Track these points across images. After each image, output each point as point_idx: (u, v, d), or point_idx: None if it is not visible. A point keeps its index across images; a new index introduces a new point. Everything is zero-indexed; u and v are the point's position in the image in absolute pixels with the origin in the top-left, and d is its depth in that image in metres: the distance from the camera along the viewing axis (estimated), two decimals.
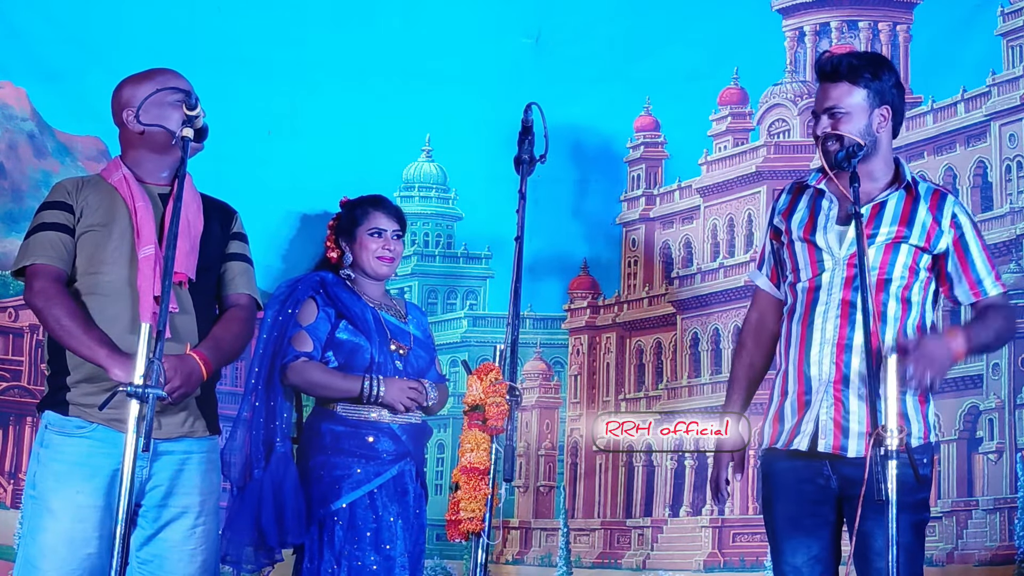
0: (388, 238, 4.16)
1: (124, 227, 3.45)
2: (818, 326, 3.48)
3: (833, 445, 3.42)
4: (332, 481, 3.96)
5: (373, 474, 3.98)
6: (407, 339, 4.14)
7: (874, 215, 3.49)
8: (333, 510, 3.94)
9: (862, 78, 3.46)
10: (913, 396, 3.45)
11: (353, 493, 3.96)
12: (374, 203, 4.22)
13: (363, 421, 4.03)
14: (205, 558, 3.51)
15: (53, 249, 3.43)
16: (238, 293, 3.63)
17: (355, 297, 4.12)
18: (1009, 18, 4.71)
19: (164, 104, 3.47)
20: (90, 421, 3.37)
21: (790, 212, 3.63)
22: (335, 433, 4.02)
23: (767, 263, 3.72)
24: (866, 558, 3.37)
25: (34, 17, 4.76)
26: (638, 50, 5.01)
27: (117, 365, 3.28)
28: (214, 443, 3.58)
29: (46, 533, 3.34)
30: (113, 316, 3.39)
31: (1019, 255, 4.61)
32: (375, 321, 4.10)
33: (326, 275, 4.14)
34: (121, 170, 3.53)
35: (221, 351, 3.49)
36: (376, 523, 3.94)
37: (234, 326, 3.57)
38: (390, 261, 4.18)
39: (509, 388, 3.47)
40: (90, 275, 3.43)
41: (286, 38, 4.87)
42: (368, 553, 3.92)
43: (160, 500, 3.43)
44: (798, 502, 3.50)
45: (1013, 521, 4.51)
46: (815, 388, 3.47)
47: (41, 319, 3.42)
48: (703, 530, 4.88)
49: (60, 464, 3.37)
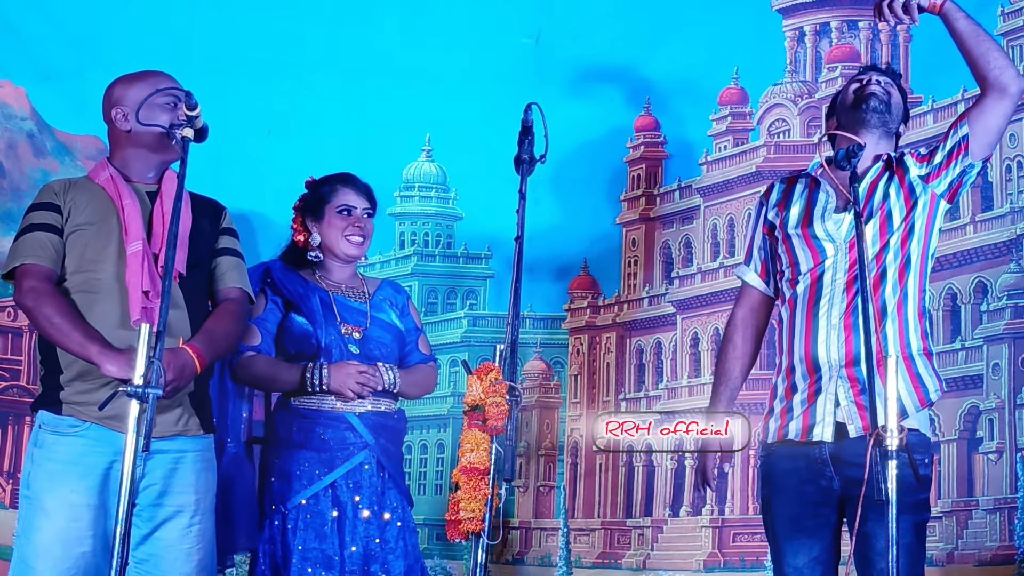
0: (358, 216, 3.99)
1: (112, 224, 3.46)
2: (823, 312, 3.48)
3: (863, 426, 3.39)
4: (287, 477, 3.84)
5: (327, 469, 3.83)
6: (362, 320, 3.97)
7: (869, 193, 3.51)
8: (287, 508, 3.82)
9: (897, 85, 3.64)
10: (919, 354, 3.46)
11: (307, 490, 3.83)
12: (343, 180, 4.04)
13: (317, 412, 3.87)
14: (202, 557, 3.50)
15: (42, 249, 3.43)
16: (229, 287, 3.63)
17: (301, 281, 3.96)
18: (1009, 18, 4.71)
19: (154, 105, 3.48)
20: (84, 420, 3.37)
21: (785, 205, 3.63)
22: (290, 426, 3.88)
23: (756, 258, 3.71)
24: (867, 559, 3.36)
25: (33, 16, 4.76)
26: (638, 50, 5.01)
27: (109, 361, 3.27)
28: (208, 441, 3.57)
29: (40, 532, 3.34)
30: (103, 313, 3.39)
31: (1019, 255, 4.61)
32: (322, 304, 3.93)
33: (272, 263, 3.97)
34: (108, 170, 3.54)
35: (214, 344, 3.48)
36: (333, 519, 3.82)
37: (226, 319, 3.57)
38: (360, 241, 3.99)
39: (509, 388, 3.46)
40: (79, 273, 3.43)
41: (286, 38, 4.88)
42: (323, 549, 3.83)
43: (155, 499, 3.42)
44: (799, 503, 3.50)
45: (1013, 521, 4.51)
46: (825, 374, 3.46)
47: (31, 318, 3.42)
48: (703, 530, 4.88)
49: (54, 463, 3.37)
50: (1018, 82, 3.47)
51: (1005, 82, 3.46)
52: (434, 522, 4.83)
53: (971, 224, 4.65)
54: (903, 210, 3.50)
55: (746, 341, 3.72)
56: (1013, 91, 3.47)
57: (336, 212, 3.98)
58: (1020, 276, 4.59)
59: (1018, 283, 4.57)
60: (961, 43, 3.51)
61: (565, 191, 5.00)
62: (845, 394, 3.44)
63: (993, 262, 4.63)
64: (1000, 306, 4.63)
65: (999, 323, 4.63)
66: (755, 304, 3.72)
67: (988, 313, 4.63)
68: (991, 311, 4.63)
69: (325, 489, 3.85)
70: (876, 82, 3.60)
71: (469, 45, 4.93)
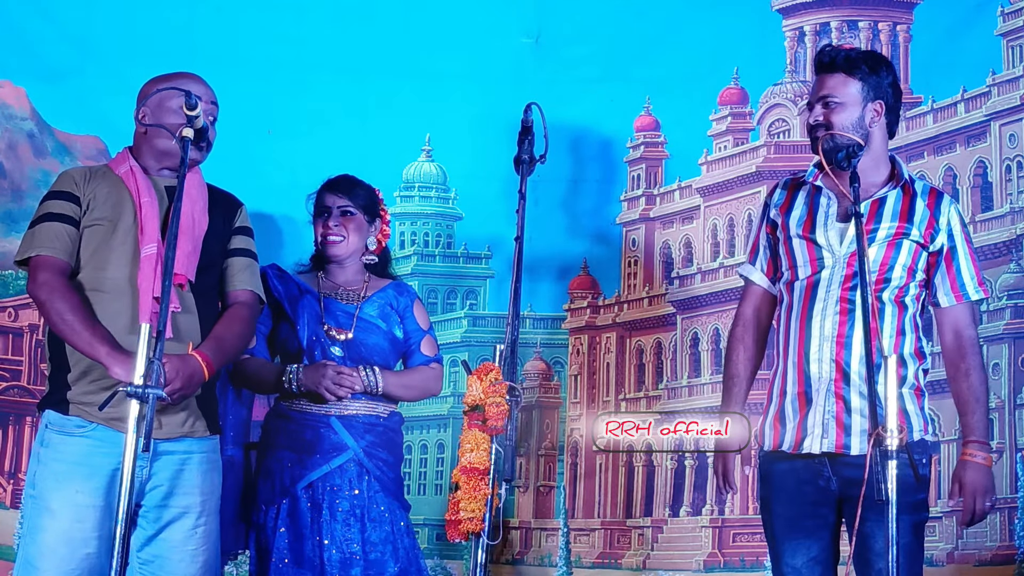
0: (334, 216, 4.04)
1: (129, 223, 3.45)
2: (816, 323, 3.48)
3: (836, 444, 3.42)
4: (270, 477, 3.88)
5: (308, 470, 3.86)
6: (348, 322, 3.99)
7: (874, 211, 3.49)
8: (273, 509, 3.86)
9: (858, 70, 3.47)
10: (910, 391, 3.46)
11: (285, 491, 3.85)
12: (325, 184, 4.12)
13: (302, 414, 3.91)
14: (206, 558, 3.50)
15: (59, 240, 3.42)
16: (240, 290, 3.62)
17: (293, 285, 4.01)
18: (1009, 18, 4.71)
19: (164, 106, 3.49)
20: (90, 420, 3.36)
21: (787, 208, 3.63)
22: (277, 428, 3.93)
23: (761, 257, 3.71)
24: (866, 559, 3.37)
25: (34, 16, 4.76)
26: (638, 50, 5.00)
27: (117, 363, 3.27)
28: (215, 443, 3.57)
29: (45, 533, 3.33)
30: (114, 314, 3.39)
31: (1019, 255, 4.61)
32: (308, 306, 3.98)
33: (268, 268, 4.00)
34: (129, 162, 3.54)
35: (223, 350, 3.48)
36: (310, 520, 3.83)
37: (236, 324, 3.56)
38: (336, 240, 4.03)
39: (509, 388, 3.46)
40: (93, 270, 3.43)
41: (286, 37, 4.87)
42: (301, 548, 3.83)
43: (160, 500, 3.42)
44: (798, 503, 3.50)
45: (1013, 521, 4.51)
46: (815, 387, 3.47)
47: (43, 312, 3.41)
48: (703, 530, 4.88)
49: (60, 464, 3.36)
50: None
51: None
52: (434, 522, 4.83)
53: (971, 224, 4.65)
54: (910, 255, 3.49)
55: (755, 342, 3.72)
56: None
57: (317, 216, 4.10)
58: (1020, 276, 4.60)
59: (1018, 283, 4.58)
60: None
61: (565, 191, 5.00)
62: (829, 409, 3.45)
63: (993, 262, 4.63)
64: (1000, 306, 4.63)
65: (999, 323, 4.63)
66: (761, 302, 3.73)
67: (988, 313, 4.63)
68: (991, 311, 4.64)
69: (304, 489, 3.86)
70: (816, 102, 3.50)
71: (469, 45, 4.93)
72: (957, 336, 3.51)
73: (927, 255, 3.50)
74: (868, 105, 3.48)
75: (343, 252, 4.07)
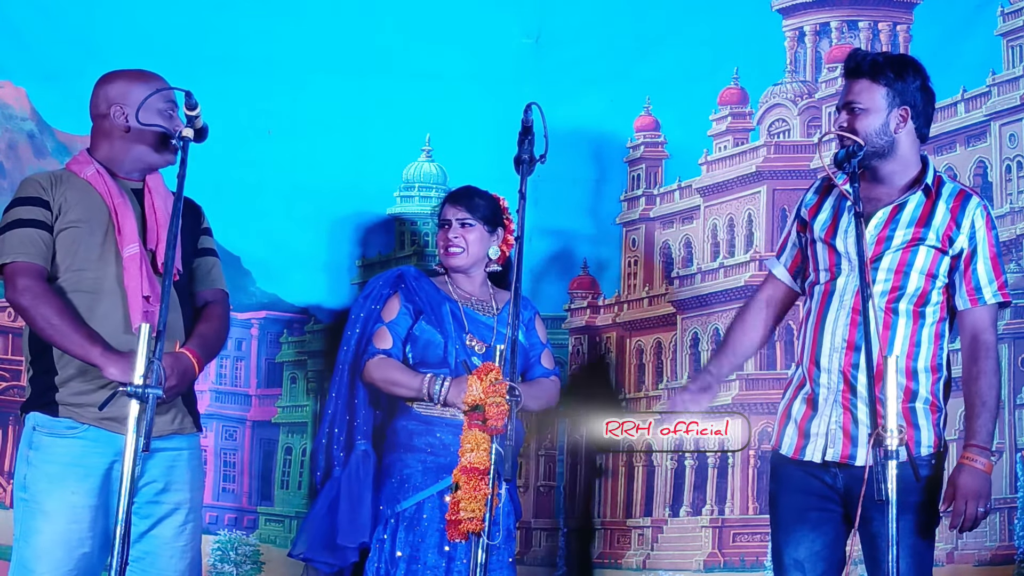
0: (454, 227, 4.17)
1: (104, 224, 3.45)
2: (828, 331, 3.48)
3: (841, 454, 3.43)
4: (401, 480, 3.97)
5: (436, 477, 3.95)
6: (488, 335, 4.10)
7: (891, 218, 3.48)
8: (399, 510, 3.93)
9: (883, 76, 3.46)
10: (924, 405, 3.45)
11: (419, 493, 3.95)
12: (447, 196, 4.29)
13: (437, 418, 4.01)
14: (193, 556, 3.53)
15: (33, 246, 3.40)
16: (214, 289, 3.68)
17: (434, 290, 4.11)
18: (1009, 18, 4.71)
19: (153, 107, 3.49)
20: (81, 422, 3.36)
21: (816, 211, 3.63)
22: (408, 431, 4.02)
23: (788, 253, 3.72)
24: (876, 560, 3.37)
25: (33, 16, 4.75)
26: (638, 50, 5.00)
27: (112, 363, 3.28)
28: (199, 439, 3.64)
29: (41, 535, 3.33)
30: (103, 315, 3.39)
31: (1019, 255, 4.61)
32: (452, 315, 4.07)
33: (406, 269, 4.15)
34: (93, 164, 3.52)
35: (208, 348, 3.55)
36: (442, 523, 3.83)
37: (215, 323, 3.62)
38: (456, 252, 4.17)
39: (509, 388, 3.46)
40: (73, 272, 3.42)
41: (286, 38, 4.87)
42: (431, 554, 3.90)
43: (153, 496, 3.44)
44: (805, 494, 3.51)
45: (1013, 521, 4.51)
46: (823, 396, 3.47)
47: (28, 318, 3.39)
48: (703, 530, 4.88)
49: (53, 466, 3.36)
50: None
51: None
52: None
53: None
54: (928, 260, 3.48)
55: (760, 322, 3.73)
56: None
57: (439, 227, 4.25)
58: (1020, 276, 4.59)
59: (1018, 283, 4.57)
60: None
61: (565, 191, 5.00)
62: (836, 420, 3.45)
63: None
64: None
65: (999, 323, 4.62)
66: (777, 293, 3.73)
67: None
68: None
69: (431, 497, 3.90)
70: (842, 108, 3.50)
71: (469, 45, 4.93)
72: (973, 339, 3.50)
73: (948, 259, 3.48)
74: (893, 111, 3.46)
75: (463, 263, 4.20)
